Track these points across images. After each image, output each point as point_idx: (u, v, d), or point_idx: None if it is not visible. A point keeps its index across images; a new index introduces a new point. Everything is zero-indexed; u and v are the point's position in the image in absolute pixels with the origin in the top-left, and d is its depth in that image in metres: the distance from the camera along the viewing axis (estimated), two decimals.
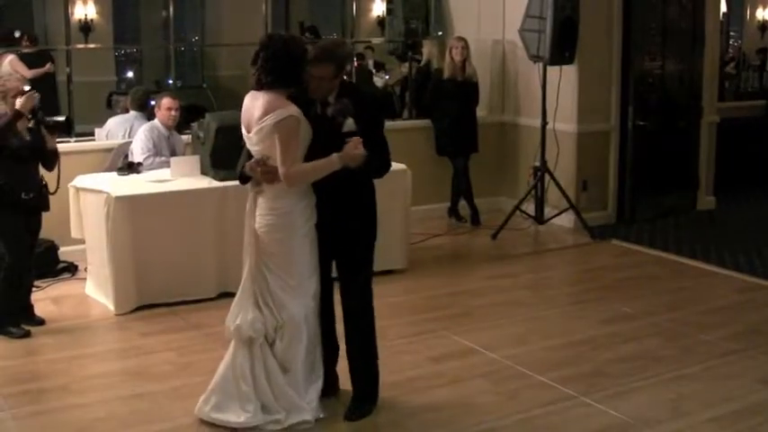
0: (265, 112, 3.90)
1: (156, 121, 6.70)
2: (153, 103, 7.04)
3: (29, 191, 5.26)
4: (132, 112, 7.20)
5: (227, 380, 4.09)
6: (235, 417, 4.04)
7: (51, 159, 5.37)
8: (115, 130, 7.16)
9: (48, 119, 5.25)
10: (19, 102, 5.09)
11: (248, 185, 4.12)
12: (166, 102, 6.68)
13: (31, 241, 5.42)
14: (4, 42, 9.27)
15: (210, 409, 4.10)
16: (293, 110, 3.91)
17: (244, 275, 4.10)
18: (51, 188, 5.40)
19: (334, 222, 4.08)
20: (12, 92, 5.18)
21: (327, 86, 3.99)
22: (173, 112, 6.66)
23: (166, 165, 6.33)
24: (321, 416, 4.15)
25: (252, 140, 4.01)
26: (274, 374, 4.06)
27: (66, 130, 5.34)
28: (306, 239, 4.05)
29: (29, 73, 8.87)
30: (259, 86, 3.98)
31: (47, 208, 5.42)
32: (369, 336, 4.23)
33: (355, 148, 3.89)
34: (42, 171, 5.40)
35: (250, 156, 4.05)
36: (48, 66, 9.51)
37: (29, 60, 9.25)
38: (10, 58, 8.81)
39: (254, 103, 4.00)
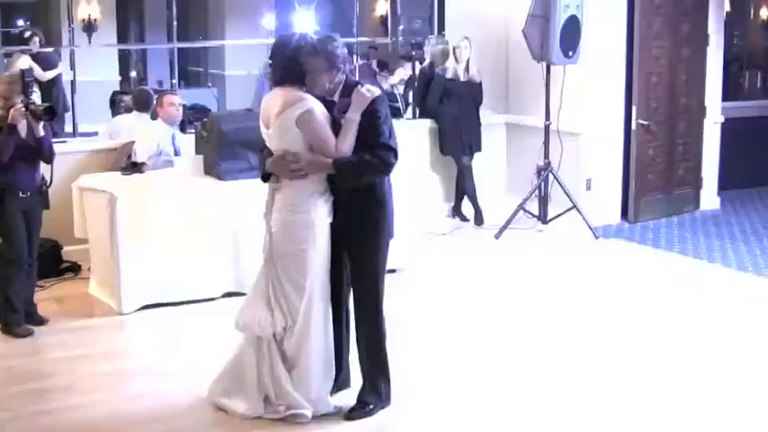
0: (283, 107, 3.98)
1: (159, 121, 6.70)
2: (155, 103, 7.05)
3: (27, 190, 5.28)
4: (135, 112, 7.20)
5: (237, 369, 4.22)
6: (238, 405, 4.18)
7: (43, 149, 5.30)
8: (118, 129, 7.16)
9: (33, 106, 5.22)
10: (10, 116, 5.10)
11: (268, 183, 4.16)
12: (168, 98, 6.69)
13: (32, 240, 5.41)
14: (16, 42, 9.30)
15: (220, 392, 4.26)
16: (310, 102, 3.98)
17: (258, 271, 4.17)
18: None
19: (345, 222, 4.10)
20: (9, 101, 5.17)
21: (319, 81, 4.02)
22: (177, 106, 6.66)
23: (170, 164, 6.33)
24: (332, 410, 4.18)
25: (272, 137, 4.05)
26: (277, 373, 4.12)
27: (50, 115, 5.30)
28: (321, 238, 4.06)
29: (44, 75, 8.86)
30: (275, 82, 4.11)
31: (47, 206, 5.43)
32: (377, 340, 4.22)
33: (366, 92, 3.98)
34: (42, 170, 5.40)
35: (270, 153, 4.09)
36: (59, 66, 9.53)
37: (39, 60, 9.26)
38: (22, 61, 8.79)
39: (272, 101, 4.07)
